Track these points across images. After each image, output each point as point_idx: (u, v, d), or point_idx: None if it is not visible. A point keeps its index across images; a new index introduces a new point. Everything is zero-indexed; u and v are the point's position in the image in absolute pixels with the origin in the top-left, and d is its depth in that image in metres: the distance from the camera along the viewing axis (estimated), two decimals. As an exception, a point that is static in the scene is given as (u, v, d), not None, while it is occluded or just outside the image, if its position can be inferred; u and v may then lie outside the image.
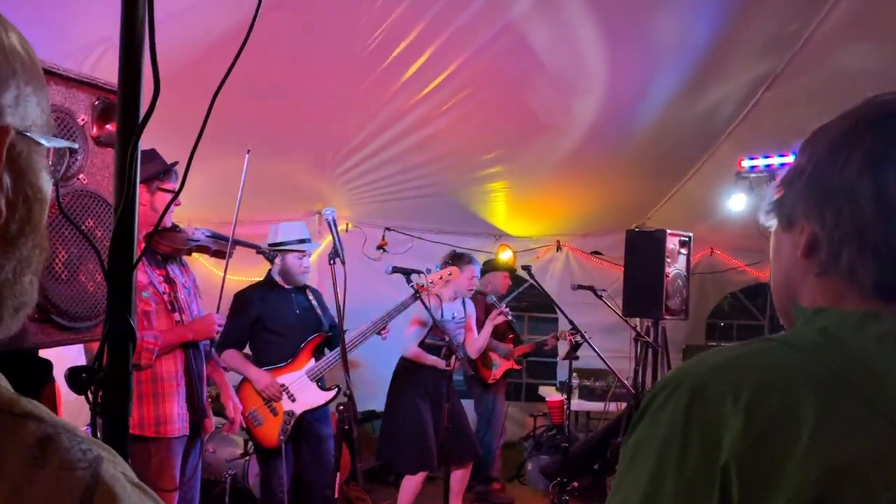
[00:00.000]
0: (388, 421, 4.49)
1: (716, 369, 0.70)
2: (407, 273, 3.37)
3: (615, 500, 0.72)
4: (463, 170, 5.56)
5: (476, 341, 4.82)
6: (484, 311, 5.11)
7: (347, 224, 5.95)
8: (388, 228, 6.15)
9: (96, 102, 1.53)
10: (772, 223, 0.82)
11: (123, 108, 1.15)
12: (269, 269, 3.93)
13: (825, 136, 0.76)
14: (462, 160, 5.39)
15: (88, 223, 1.50)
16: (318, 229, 5.91)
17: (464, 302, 4.74)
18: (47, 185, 0.57)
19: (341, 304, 2.70)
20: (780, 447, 0.63)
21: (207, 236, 3.01)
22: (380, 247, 5.99)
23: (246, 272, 4.56)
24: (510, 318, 5.13)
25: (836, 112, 0.79)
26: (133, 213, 1.14)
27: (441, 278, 3.93)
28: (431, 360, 4.39)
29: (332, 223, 2.75)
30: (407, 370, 4.42)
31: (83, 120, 1.51)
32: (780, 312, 0.83)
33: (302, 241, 3.77)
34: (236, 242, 3.20)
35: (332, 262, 2.83)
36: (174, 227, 2.93)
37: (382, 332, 3.83)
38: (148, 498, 0.59)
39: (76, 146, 1.51)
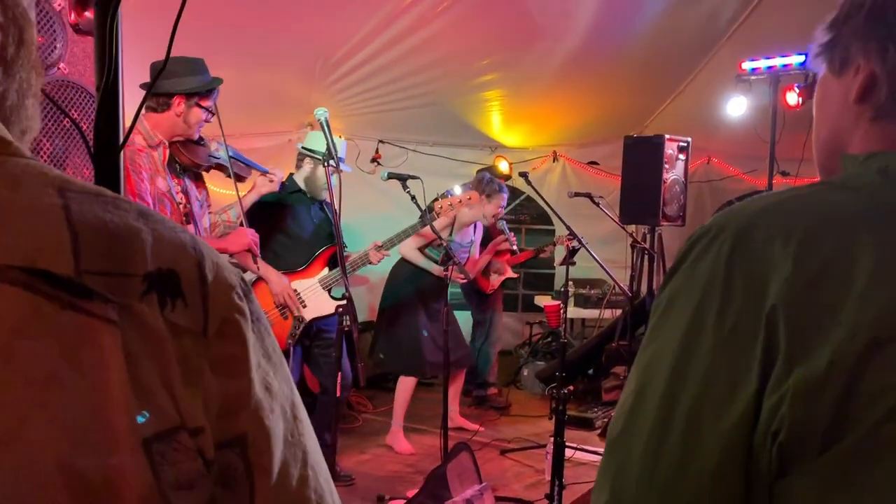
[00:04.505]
0: (382, 319, 4.53)
1: (763, 212, 0.64)
2: (403, 179, 3.31)
3: (646, 354, 0.67)
4: (457, 78, 5.42)
5: (473, 267, 4.82)
6: (484, 231, 5.06)
7: (341, 136, 5.85)
8: (381, 141, 6.05)
9: (72, -15, 1.45)
10: (820, 68, 0.75)
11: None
12: (292, 174, 3.84)
13: None
14: (456, 67, 5.25)
15: (72, 114, 1.45)
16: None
17: (474, 226, 4.67)
18: (30, 6, 0.57)
19: (337, 208, 2.66)
20: (835, 289, 0.58)
21: (230, 156, 2.98)
22: (374, 159, 5.91)
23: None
24: (514, 247, 5.07)
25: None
26: (117, 90, 1.09)
27: (461, 202, 3.78)
28: (425, 262, 4.40)
29: (324, 124, 2.68)
30: (405, 272, 4.43)
31: (59, 5, 1.43)
32: (821, 170, 0.77)
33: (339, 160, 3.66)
34: (254, 167, 3.22)
35: (325, 164, 2.78)
36: (200, 141, 2.91)
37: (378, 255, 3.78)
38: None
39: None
